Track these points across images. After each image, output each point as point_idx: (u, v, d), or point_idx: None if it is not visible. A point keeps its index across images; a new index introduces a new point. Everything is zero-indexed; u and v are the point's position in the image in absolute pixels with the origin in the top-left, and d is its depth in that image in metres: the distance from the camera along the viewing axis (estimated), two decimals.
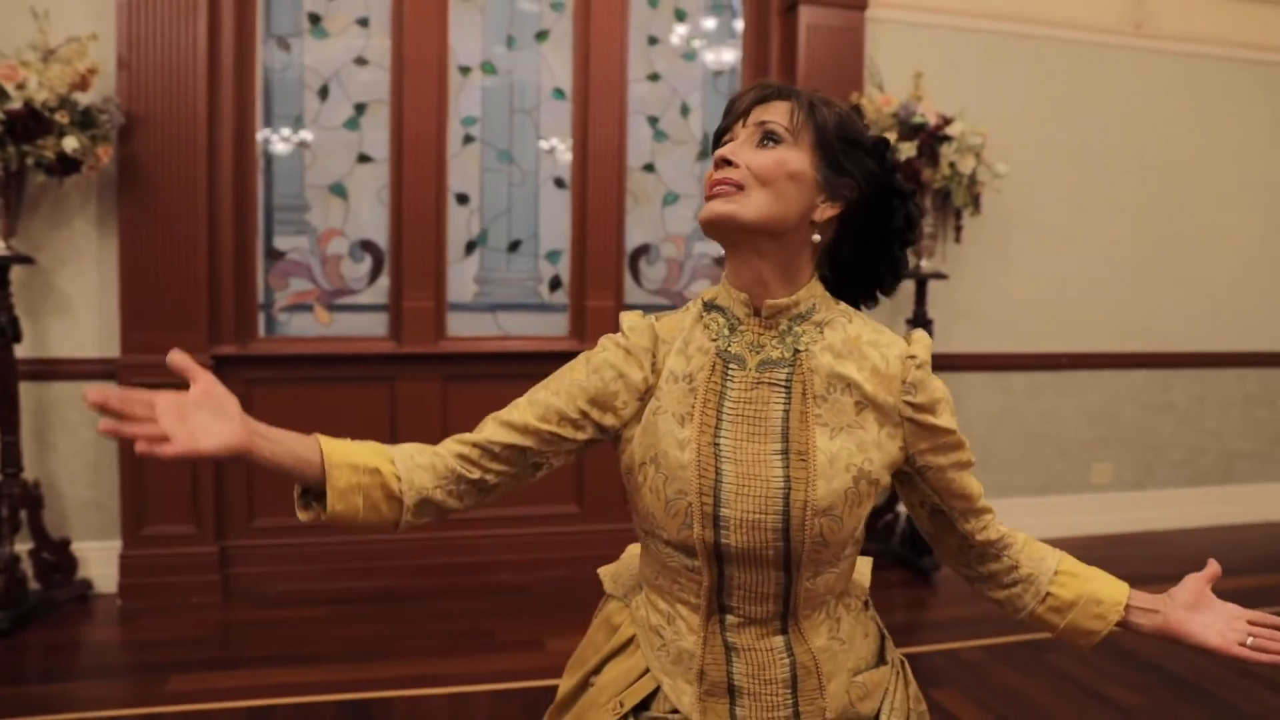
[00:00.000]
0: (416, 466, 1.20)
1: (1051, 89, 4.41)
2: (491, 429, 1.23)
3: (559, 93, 4.02)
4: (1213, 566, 1.29)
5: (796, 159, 1.15)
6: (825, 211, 1.18)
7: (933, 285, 4.18)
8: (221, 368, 3.59)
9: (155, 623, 3.42)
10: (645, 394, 1.22)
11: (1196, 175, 4.68)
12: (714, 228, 1.16)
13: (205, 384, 1.11)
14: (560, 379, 1.24)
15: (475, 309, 4.00)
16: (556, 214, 4.06)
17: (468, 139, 3.95)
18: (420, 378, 3.82)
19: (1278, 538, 4.75)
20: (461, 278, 3.99)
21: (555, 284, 4.09)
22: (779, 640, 1.20)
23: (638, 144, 4.10)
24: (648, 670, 1.24)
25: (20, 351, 3.40)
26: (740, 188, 1.14)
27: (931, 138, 3.85)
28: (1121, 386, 4.68)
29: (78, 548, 3.58)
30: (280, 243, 3.81)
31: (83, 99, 3.25)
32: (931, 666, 3.21)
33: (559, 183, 4.05)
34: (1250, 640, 1.21)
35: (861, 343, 1.18)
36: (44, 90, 3.10)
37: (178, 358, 1.11)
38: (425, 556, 3.84)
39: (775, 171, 1.14)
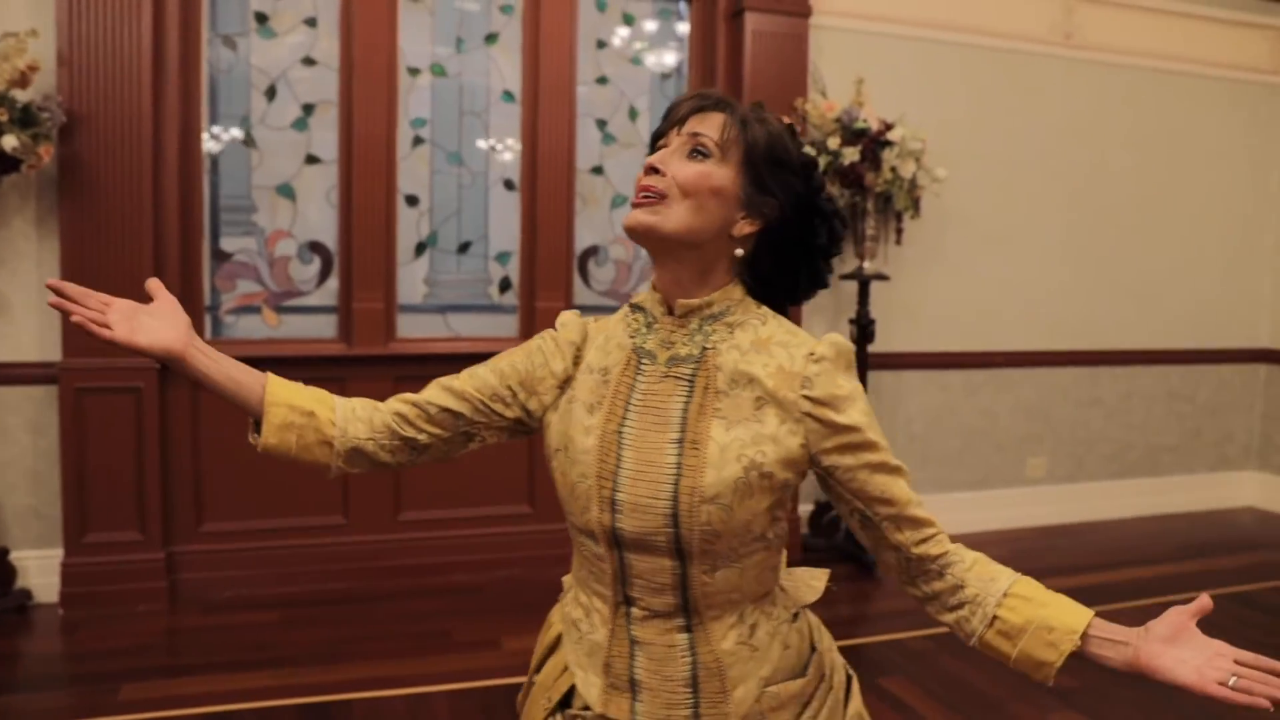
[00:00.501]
0: (354, 418, 1.29)
1: (987, 96, 4.56)
2: (433, 392, 1.31)
3: (508, 95, 4.04)
4: (1202, 600, 1.10)
5: (722, 175, 1.19)
6: (744, 228, 1.21)
7: (875, 286, 4.29)
8: (168, 372, 3.54)
9: (100, 632, 3.35)
10: (564, 383, 1.28)
11: (1122, 181, 4.89)
12: (635, 235, 1.20)
13: (164, 300, 1.27)
14: (501, 359, 1.33)
15: (425, 310, 4.00)
16: (506, 216, 4.08)
17: (417, 140, 3.95)
18: (371, 379, 3.80)
19: (1199, 526, 4.98)
20: (411, 279, 3.98)
21: (505, 285, 4.11)
22: (682, 638, 1.20)
23: (586, 147, 4.14)
24: (568, 668, 1.29)
25: None
26: (663, 197, 1.18)
27: (874, 143, 3.96)
28: (1054, 383, 4.86)
29: (16, 557, 3.49)
30: (227, 244, 3.76)
31: (22, 96, 3.18)
32: (879, 656, 3.30)
33: (508, 185, 4.07)
34: (1234, 681, 1.03)
35: (771, 343, 1.20)
36: None
37: (154, 283, 1.29)
38: (378, 559, 3.82)
39: (699, 185, 1.18)
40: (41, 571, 3.52)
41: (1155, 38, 4.83)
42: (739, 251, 1.22)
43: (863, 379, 4.23)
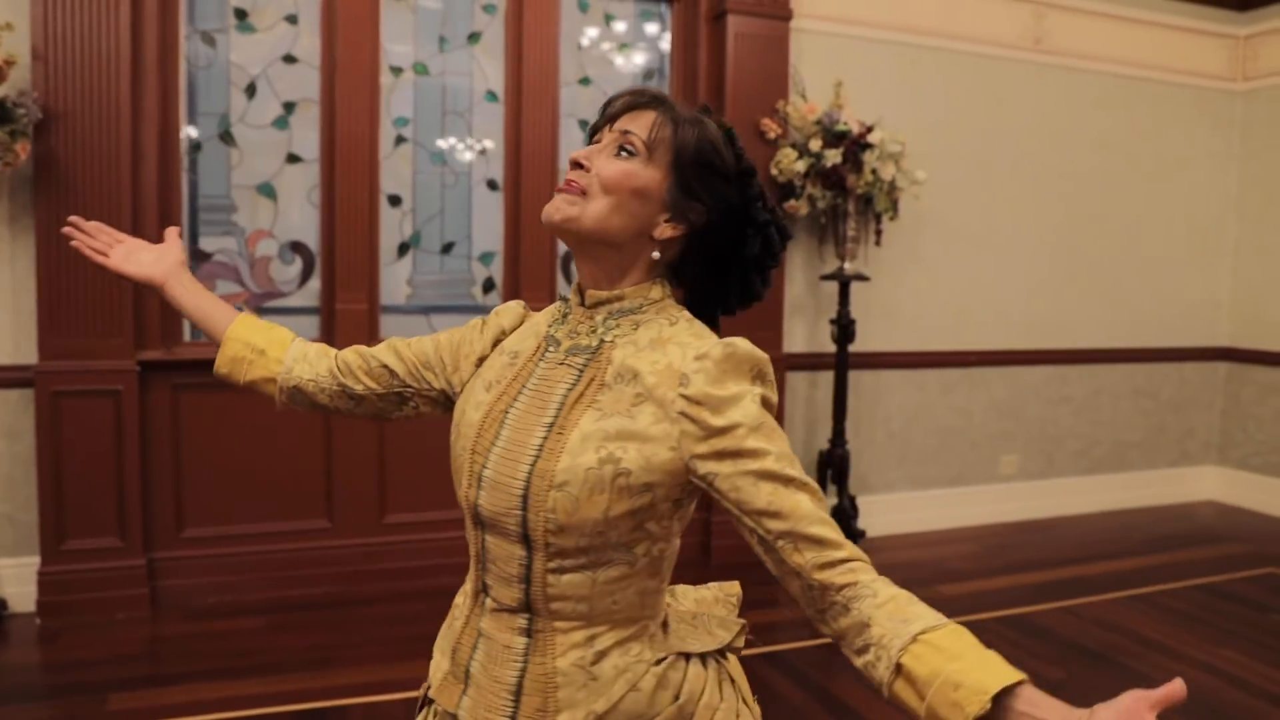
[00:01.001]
0: (302, 358, 1.41)
1: (961, 99, 4.64)
2: (380, 348, 1.39)
3: (491, 95, 4.02)
4: (1172, 688, 0.83)
5: (646, 175, 1.16)
6: (666, 231, 1.18)
7: (855, 286, 4.34)
8: (148, 373, 3.47)
9: (79, 641, 3.28)
10: (479, 362, 1.30)
11: (1090, 183, 5.01)
12: (552, 227, 1.18)
13: (170, 243, 1.49)
14: (443, 332, 1.38)
15: (408, 311, 3.96)
16: (489, 216, 4.06)
17: (400, 140, 3.91)
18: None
19: (1163, 520, 5.12)
20: (394, 280, 3.95)
21: (489, 286, 4.09)
22: (520, 641, 1.15)
23: (569, 147, 4.14)
24: None
25: None
26: (584, 193, 1.16)
27: (855, 145, 4.01)
28: (1025, 382, 4.96)
29: None
30: (206, 244, 3.69)
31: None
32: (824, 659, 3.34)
33: (491, 185, 4.05)
34: None
35: (670, 342, 1.14)
36: None
37: (171, 230, 1.52)
38: (364, 563, 3.78)
39: (620, 184, 1.15)
40: (16, 580, 3.42)
41: (1121, 44, 4.96)
42: (656, 255, 1.19)
43: (842, 379, 4.28)
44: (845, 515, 4.27)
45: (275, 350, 1.42)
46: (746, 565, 4.40)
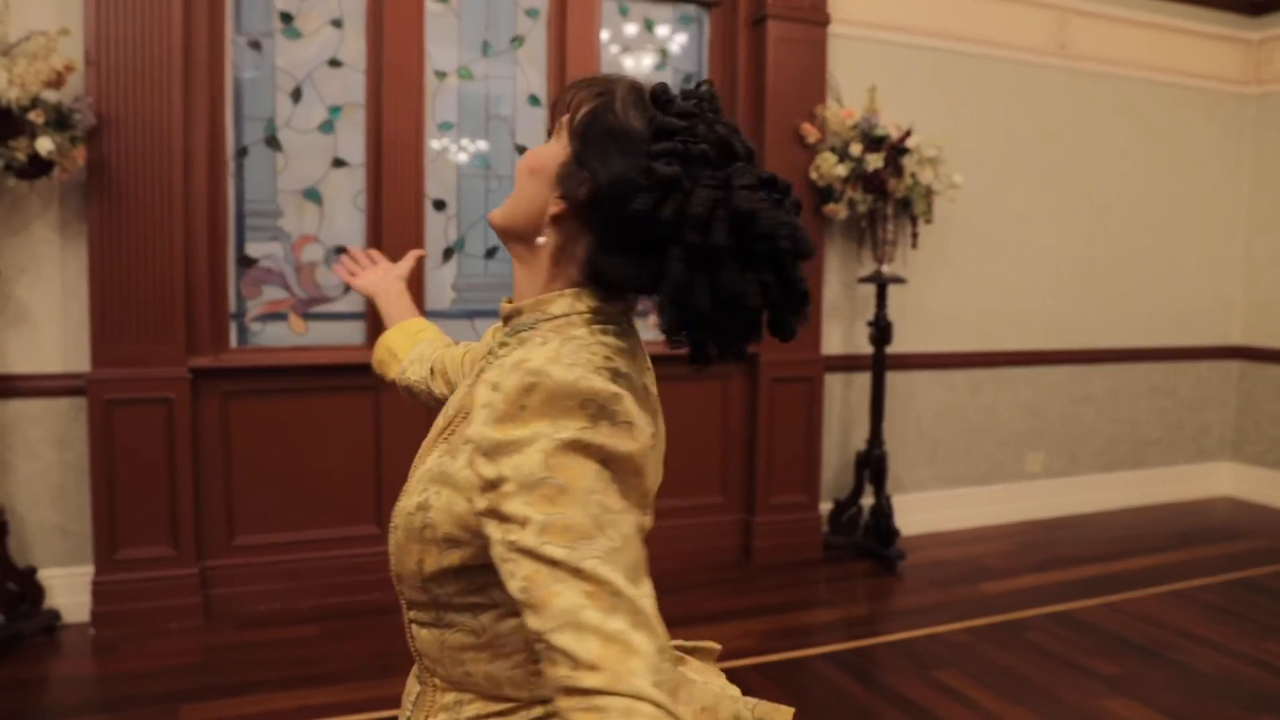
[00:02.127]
0: (418, 360, 1.51)
1: (991, 104, 4.70)
2: (446, 356, 1.45)
3: (534, 99, 4.02)
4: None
5: (546, 152, 1.02)
6: (555, 206, 0.99)
7: (891, 289, 4.39)
8: (198, 380, 3.44)
9: (137, 651, 3.25)
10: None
11: (1111, 186, 5.09)
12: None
13: (404, 262, 1.77)
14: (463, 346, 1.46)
15: (454, 316, 3.95)
16: None
17: (444, 144, 3.90)
18: None
19: (1182, 516, 5.21)
20: (439, 284, 3.94)
21: None
22: (416, 688, 1.10)
23: None
24: None
25: None
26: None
27: (894, 149, 4.05)
28: (1050, 381, 5.03)
29: (44, 575, 3.35)
30: (253, 249, 3.66)
31: (53, 98, 3.06)
32: (925, 650, 3.39)
33: None
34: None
35: (523, 365, 0.88)
36: (15, 88, 2.90)
37: (414, 253, 1.80)
38: None
39: (521, 169, 1.04)
40: (69, 590, 3.38)
41: (1139, 48, 5.04)
42: (541, 240, 1.01)
43: (880, 380, 4.33)
44: (882, 514, 4.31)
45: (404, 352, 1.55)
46: (789, 565, 4.42)
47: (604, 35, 4.09)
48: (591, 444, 0.83)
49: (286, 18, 3.64)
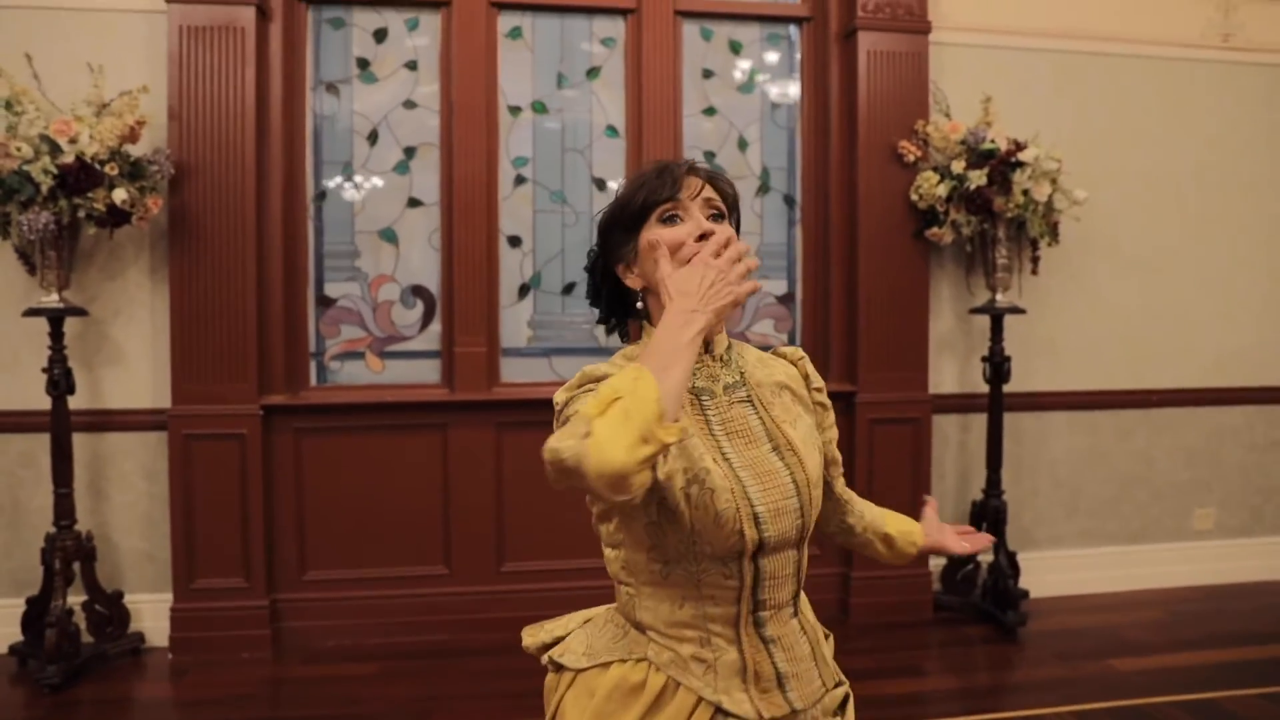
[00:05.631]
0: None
1: (1133, 108, 4.15)
2: None
3: (612, 130, 3.92)
4: (931, 503, 1.73)
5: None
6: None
7: (1009, 320, 3.93)
8: (272, 417, 3.54)
9: (205, 679, 3.36)
10: None
11: None
12: (738, 304, 1.25)
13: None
14: None
15: (530, 354, 3.89)
16: None
17: (519, 180, 3.87)
18: (473, 425, 3.72)
19: None
20: (515, 322, 3.89)
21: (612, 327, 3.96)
22: (794, 622, 1.37)
23: None
24: (700, 700, 1.30)
25: (76, 402, 3.41)
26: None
27: (1003, 164, 3.64)
28: (1222, 425, 4.33)
29: (131, 600, 3.54)
30: (331, 290, 3.76)
31: (134, 150, 3.27)
32: None
33: None
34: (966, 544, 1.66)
35: (757, 356, 1.46)
36: (95, 143, 3.11)
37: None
38: (479, 611, 3.70)
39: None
40: (154, 615, 3.56)
41: None
42: None
43: (997, 422, 3.88)
44: (1002, 573, 3.83)
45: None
46: (891, 626, 4.01)
47: (686, 59, 3.93)
48: None
49: (363, 63, 3.74)
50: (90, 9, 3.44)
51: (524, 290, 3.90)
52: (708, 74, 3.99)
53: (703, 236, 1.30)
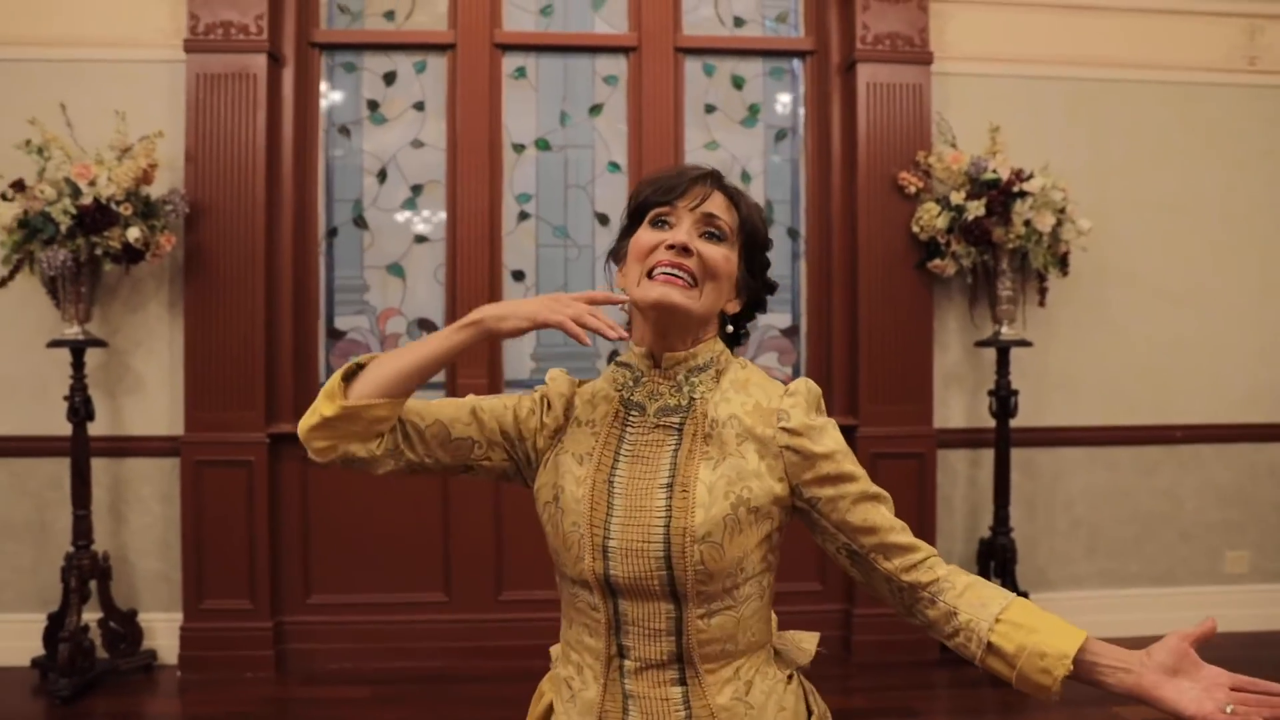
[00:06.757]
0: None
1: (1151, 134, 4.03)
2: (458, 412, 1.34)
3: (614, 166, 3.99)
4: (1206, 625, 1.12)
5: (734, 260, 1.28)
6: (734, 306, 1.33)
7: (1021, 354, 3.84)
8: (279, 446, 3.68)
9: (208, 696, 3.48)
10: (553, 435, 1.32)
11: None
12: (661, 310, 1.22)
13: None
14: (498, 400, 1.36)
15: (533, 385, 3.95)
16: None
17: (523, 215, 3.96)
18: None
19: None
20: (518, 355, 3.97)
21: (614, 358, 4.00)
22: (677, 691, 1.22)
23: None
24: None
25: (98, 429, 3.60)
26: (693, 280, 1.23)
27: (1003, 194, 3.57)
28: (1256, 462, 4.13)
29: (145, 619, 3.70)
30: (341, 322, 3.90)
31: (153, 191, 3.47)
32: None
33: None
34: (1230, 709, 1.04)
35: (750, 384, 1.27)
36: (111, 185, 3.31)
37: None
38: (477, 638, 3.75)
39: (723, 269, 1.26)
40: (166, 634, 3.71)
41: None
42: (730, 328, 1.35)
43: (1004, 458, 3.78)
44: None
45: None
46: (895, 666, 3.93)
47: (688, 94, 3.98)
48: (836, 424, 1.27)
49: (373, 105, 3.90)
50: (117, 60, 3.67)
51: None
52: (710, 109, 4.03)
53: (673, 247, 1.23)
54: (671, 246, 1.23)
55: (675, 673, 1.22)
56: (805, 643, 1.37)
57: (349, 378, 1.25)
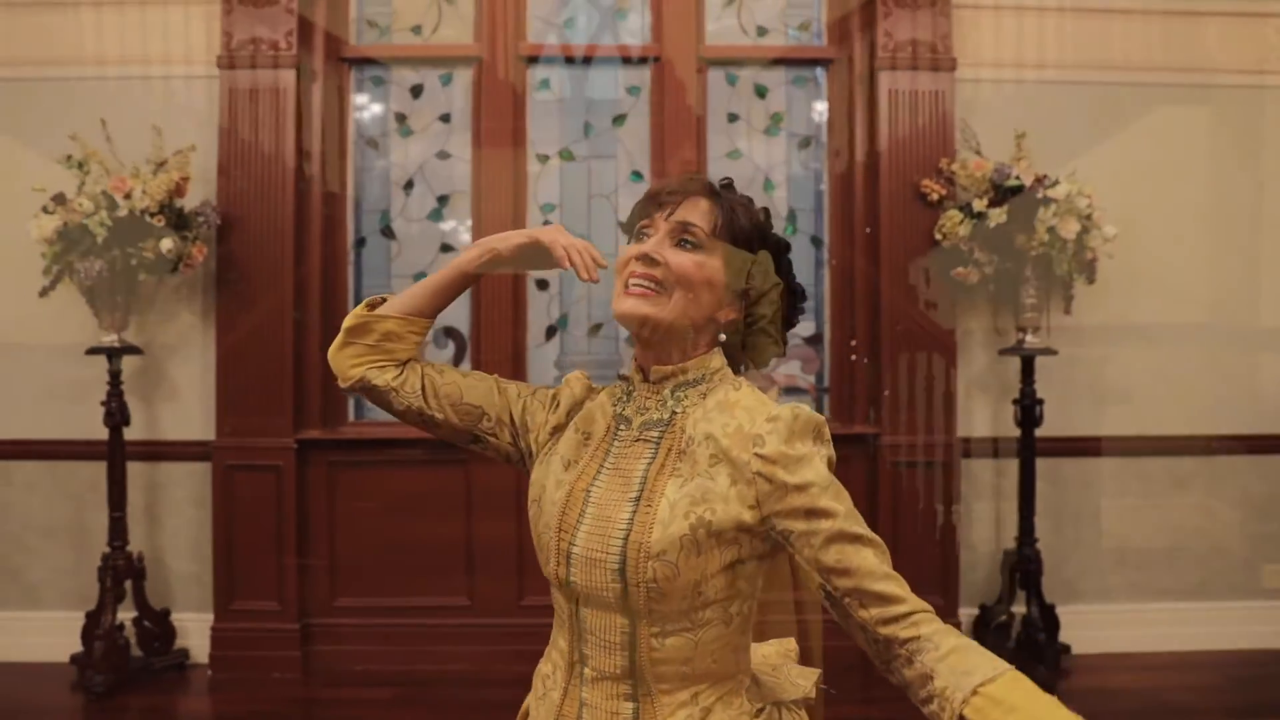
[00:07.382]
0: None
1: (1185, 139, 3.95)
2: (473, 381, 1.43)
3: (637, 175, 4.02)
4: None
5: (712, 265, 1.24)
6: (729, 314, 1.27)
7: (1049, 363, 3.79)
8: (307, 451, 3.76)
9: (237, 695, 3.58)
10: (553, 433, 1.35)
11: None
12: (629, 323, 1.25)
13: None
14: (512, 386, 1.44)
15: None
16: None
17: (547, 225, 4.00)
18: (497, 462, 3.83)
19: None
20: (543, 362, 4.02)
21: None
22: (628, 707, 1.19)
23: None
24: None
25: (136, 434, 3.72)
26: (660, 288, 1.22)
27: (1026, 201, 3.54)
28: None
29: (178, 618, 3.81)
30: None
31: (186, 204, 3.57)
32: None
33: None
34: None
35: (737, 406, 1.22)
36: (146, 198, 3.43)
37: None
38: (499, 642, 3.77)
39: (694, 276, 1.23)
40: (198, 633, 3.81)
41: None
42: (723, 337, 1.29)
43: (1029, 468, 3.73)
44: (1035, 626, 3.66)
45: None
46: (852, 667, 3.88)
47: (711, 104, 4.00)
48: (830, 457, 1.19)
49: (400, 118, 3.98)
50: (154, 76, 3.80)
51: (551, 331, 4.02)
52: (733, 118, 4.05)
53: (641, 258, 1.24)
54: (639, 258, 1.25)
55: (628, 688, 1.20)
56: (801, 679, 1.34)
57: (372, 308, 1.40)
